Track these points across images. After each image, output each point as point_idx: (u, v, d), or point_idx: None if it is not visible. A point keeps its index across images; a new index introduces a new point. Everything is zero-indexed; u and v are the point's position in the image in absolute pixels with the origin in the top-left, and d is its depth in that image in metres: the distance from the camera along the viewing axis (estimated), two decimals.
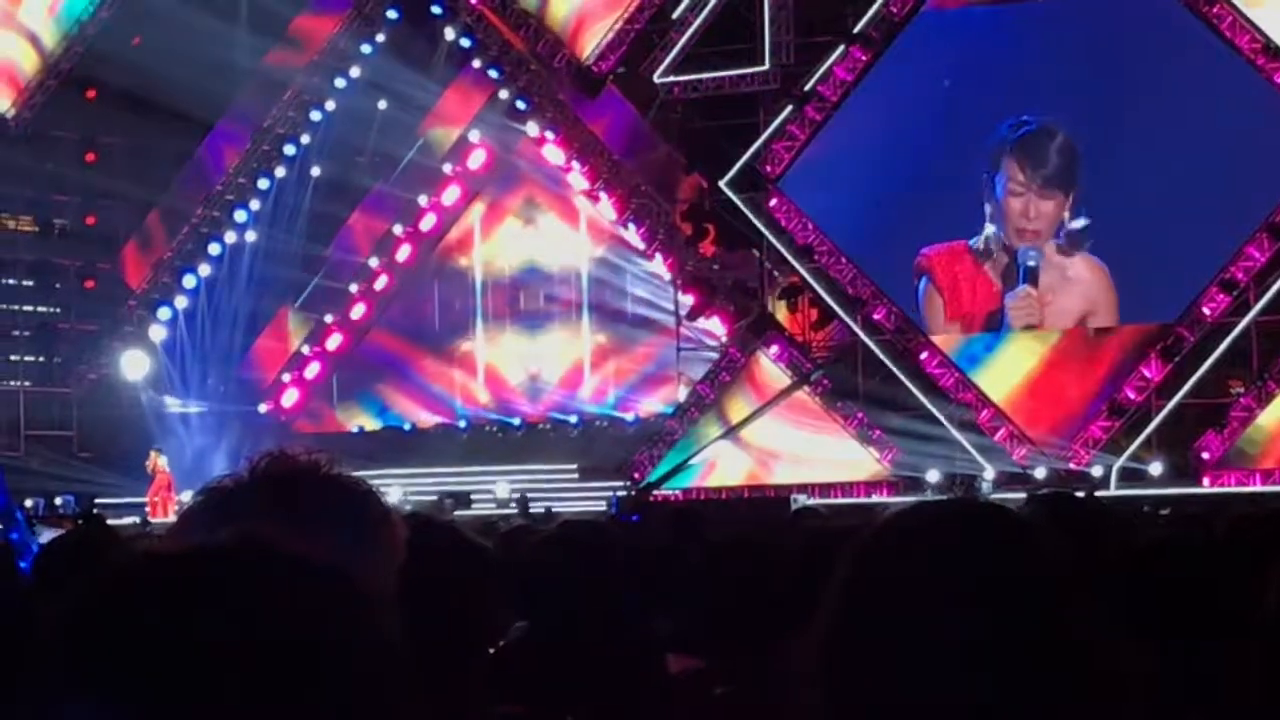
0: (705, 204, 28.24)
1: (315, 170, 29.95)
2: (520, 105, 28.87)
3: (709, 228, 28.01)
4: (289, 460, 2.13)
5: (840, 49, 27.29)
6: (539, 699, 3.86)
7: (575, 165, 28.85)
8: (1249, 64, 25.41)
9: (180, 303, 30.52)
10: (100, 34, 29.24)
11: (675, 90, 28.64)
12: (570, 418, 30.03)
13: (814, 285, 27.61)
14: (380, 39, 29.54)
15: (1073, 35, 25.95)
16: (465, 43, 28.94)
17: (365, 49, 29.57)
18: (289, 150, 30.11)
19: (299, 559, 1.28)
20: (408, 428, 30.86)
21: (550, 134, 28.81)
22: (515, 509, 24.25)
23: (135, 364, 29.95)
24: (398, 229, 30.92)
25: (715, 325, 28.32)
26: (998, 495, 21.85)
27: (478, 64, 29.16)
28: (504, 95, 29.06)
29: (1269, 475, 24.85)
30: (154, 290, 30.63)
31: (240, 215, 30.40)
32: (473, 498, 26.54)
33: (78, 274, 30.55)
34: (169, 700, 1.16)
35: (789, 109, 27.56)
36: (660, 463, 27.95)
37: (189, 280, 30.50)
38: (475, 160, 30.65)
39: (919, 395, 26.73)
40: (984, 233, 26.44)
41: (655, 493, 27.00)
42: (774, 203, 27.76)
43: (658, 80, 28.59)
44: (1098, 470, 25.44)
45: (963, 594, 1.55)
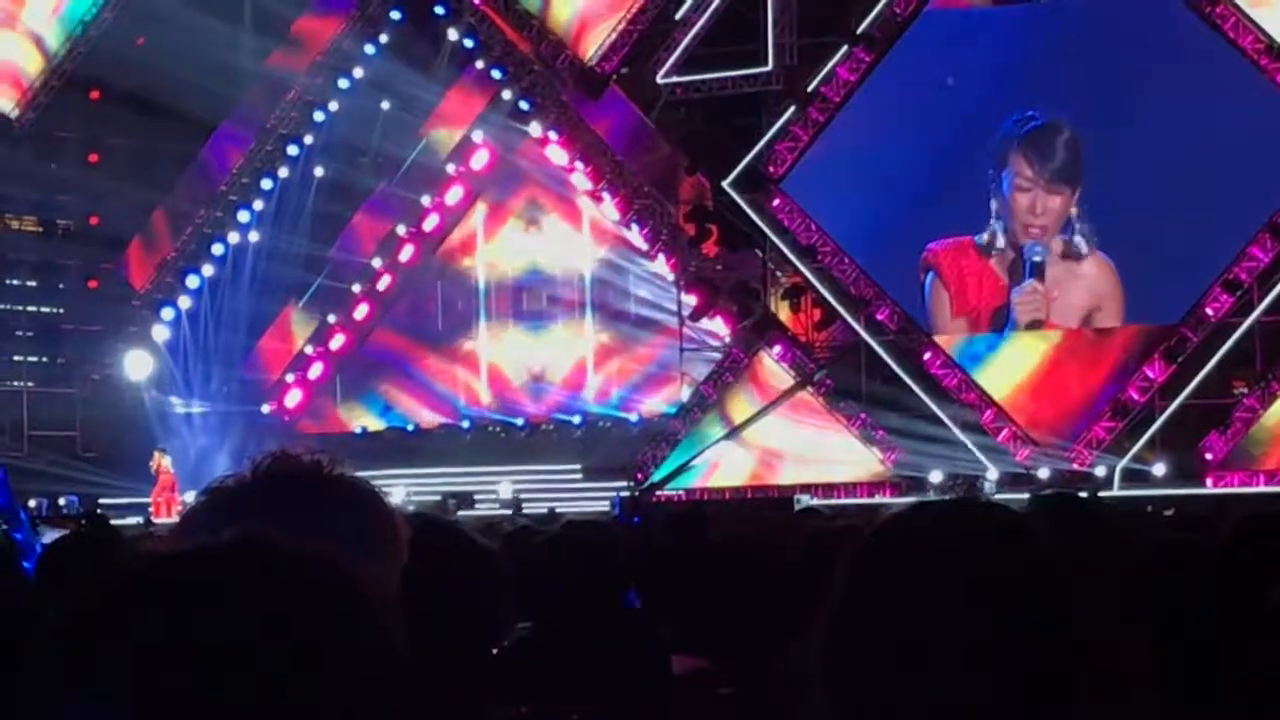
0: (708, 204, 28.24)
1: (318, 170, 29.96)
2: (523, 106, 28.87)
3: (712, 228, 28.01)
4: (292, 460, 2.13)
5: (843, 49, 27.29)
6: (543, 699, 3.86)
7: (578, 166, 28.85)
8: (1252, 64, 25.40)
9: (184, 303, 30.54)
10: (104, 35, 29.25)
11: (678, 91, 28.64)
12: (573, 418, 30.03)
13: (817, 285, 27.61)
14: (383, 39, 29.55)
15: (1075, 36, 25.93)
16: (468, 43, 28.95)
17: (368, 49, 29.59)
18: (292, 150, 30.13)
19: (301, 559, 1.28)
20: (411, 428, 30.87)
21: (553, 134, 28.82)
22: (510, 512, 24.21)
23: (139, 364, 29.97)
24: (401, 229, 30.93)
25: (718, 325, 28.33)
26: (1001, 496, 21.84)
27: (481, 65, 29.17)
28: (507, 96, 29.06)
29: (1273, 476, 24.84)
30: (157, 290, 30.64)
31: (244, 215, 30.42)
32: (476, 498, 26.55)
33: (81, 274, 30.56)
34: (170, 701, 1.16)
35: (792, 109, 27.57)
36: (663, 463, 27.96)
37: (192, 280, 30.52)
38: (478, 161, 30.66)
39: (922, 396, 26.73)
40: (990, 228, 26.45)
41: (658, 493, 27.01)
42: (777, 203, 27.76)
43: (661, 81, 28.60)
44: (1101, 471, 25.43)
45: (963, 594, 1.55)
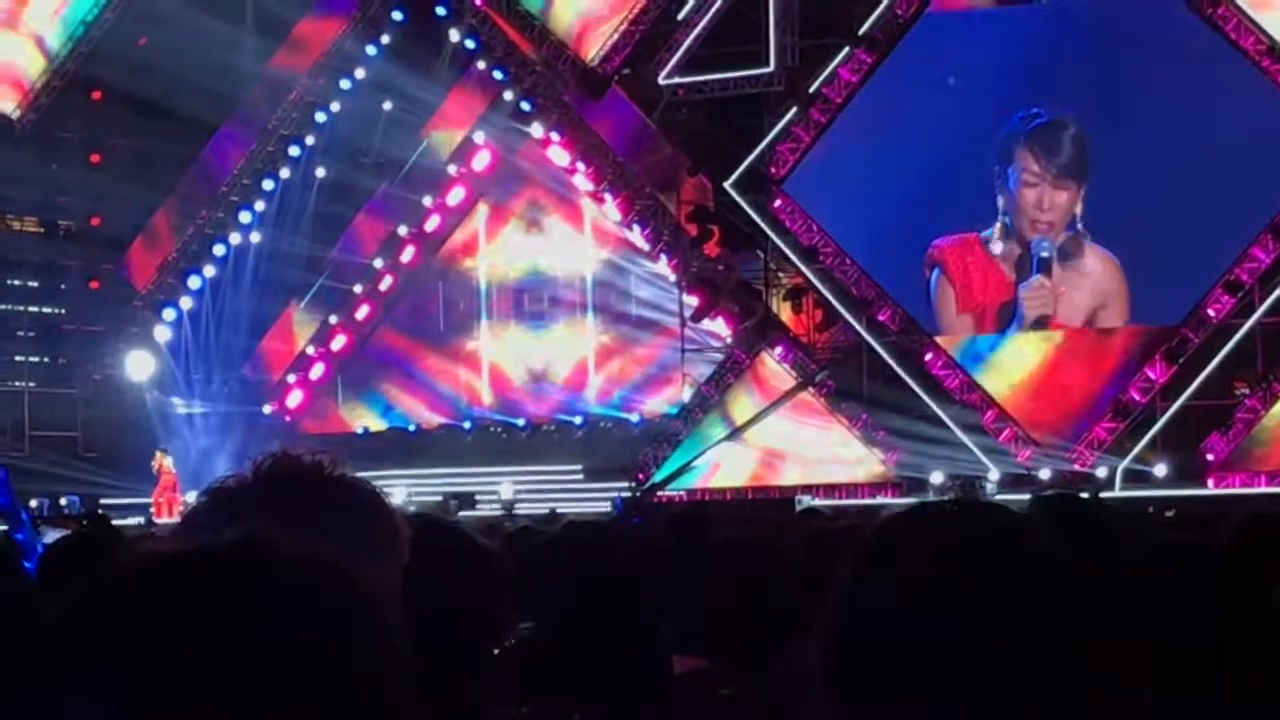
0: (710, 205, 28.25)
1: (320, 171, 29.96)
2: (525, 107, 28.87)
3: (713, 229, 28.02)
4: (293, 461, 2.13)
5: (845, 50, 27.30)
6: (544, 700, 3.86)
7: (580, 167, 28.84)
8: (1254, 65, 25.40)
9: (185, 303, 30.53)
10: (105, 35, 29.25)
11: (680, 92, 28.65)
12: (575, 418, 30.04)
13: (818, 286, 27.61)
14: (385, 40, 29.55)
15: (1077, 37, 25.94)
16: (470, 44, 28.94)
17: (370, 50, 29.58)
18: (294, 151, 30.13)
19: (302, 560, 1.28)
20: (412, 428, 30.88)
21: (555, 136, 28.81)
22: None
23: (140, 365, 29.97)
24: (402, 230, 30.94)
25: (720, 326, 28.32)
26: (1002, 497, 21.85)
27: (482, 66, 29.16)
28: (508, 97, 29.05)
29: (1274, 476, 24.83)
30: (159, 291, 30.64)
31: (245, 216, 30.41)
32: (477, 498, 26.55)
33: (83, 275, 30.56)
34: (170, 701, 1.16)
35: (793, 110, 27.57)
36: (665, 463, 27.96)
37: (194, 281, 30.51)
38: (480, 161, 30.66)
39: (923, 396, 26.73)
40: (996, 224, 26.48)
41: (660, 493, 27.02)
42: (778, 204, 27.76)
43: (662, 82, 28.61)
44: (1102, 472, 25.43)
45: (963, 594, 1.55)
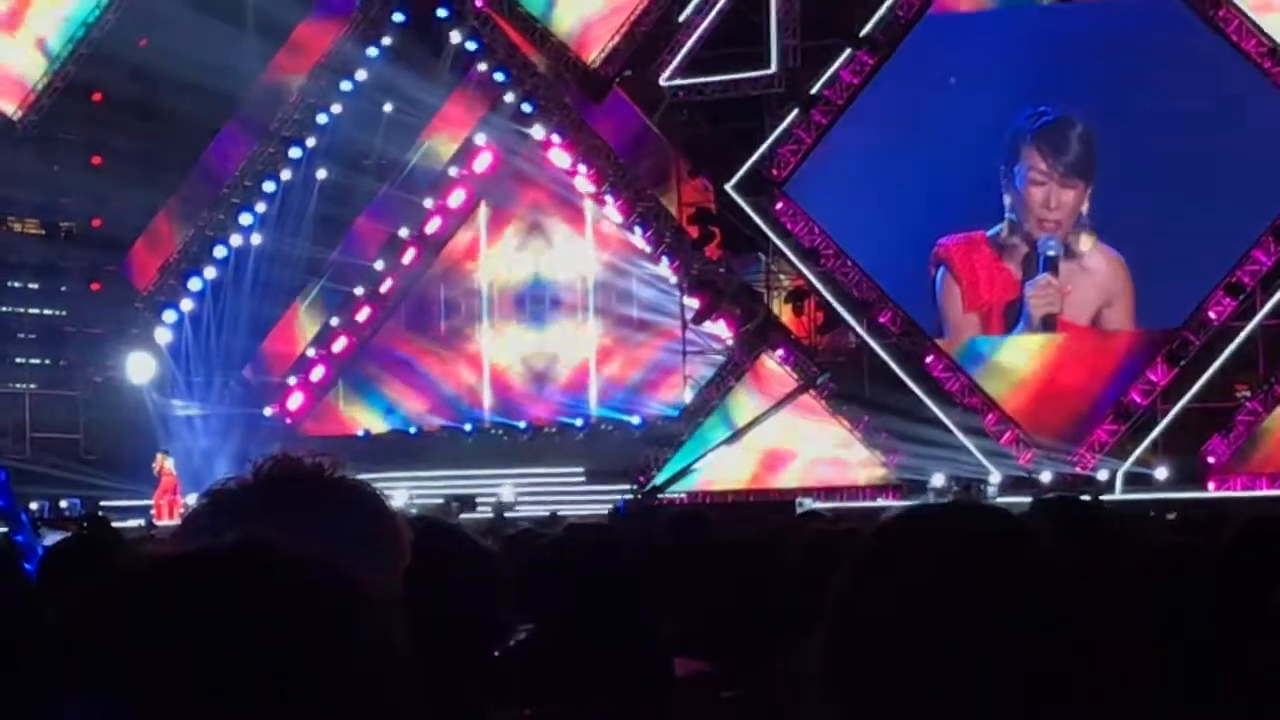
0: (711, 207, 28.25)
1: (321, 173, 29.94)
2: (526, 109, 28.86)
3: (715, 231, 28.02)
4: (294, 463, 2.13)
5: (846, 52, 27.32)
6: (545, 702, 3.86)
7: (581, 169, 28.84)
8: (1256, 67, 25.40)
9: (186, 305, 30.51)
10: (106, 37, 29.25)
11: (681, 94, 28.67)
12: (576, 421, 30.04)
13: (820, 289, 27.61)
14: (386, 42, 29.53)
15: (1078, 39, 25.94)
16: (471, 46, 28.93)
17: (371, 52, 29.57)
18: (294, 153, 30.11)
19: (302, 562, 1.28)
20: (413, 431, 30.88)
21: (556, 138, 28.81)
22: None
23: (141, 367, 29.96)
24: (403, 232, 30.95)
25: (721, 328, 28.32)
26: (1003, 499, 21.85)
27: (483, 68, 29.16)
28: (510, 99, 29.04)
29: (1275, 479, 24.83)
30: (160, 293, 30.63)
31: (246, 218, 30.39)
32: (478, 501, 26.53)
33: (83, 277, 30.56)
34: (170, 702, 1.16)
35: (795, 112, 27.58)
36: (666, 466, 27.96)
37: (194, 283, 30.49)
38: (481, 163, 30.68)
39: (924, 399, 26.74)
40: (1003, 223, 26.50)
41: (661, 495, 27.01)
42: (779, 206, 27.77)
43: (664, 84, 28.62)
44: (1103, 474, 25.43)
45: (963, 594, 1.56)
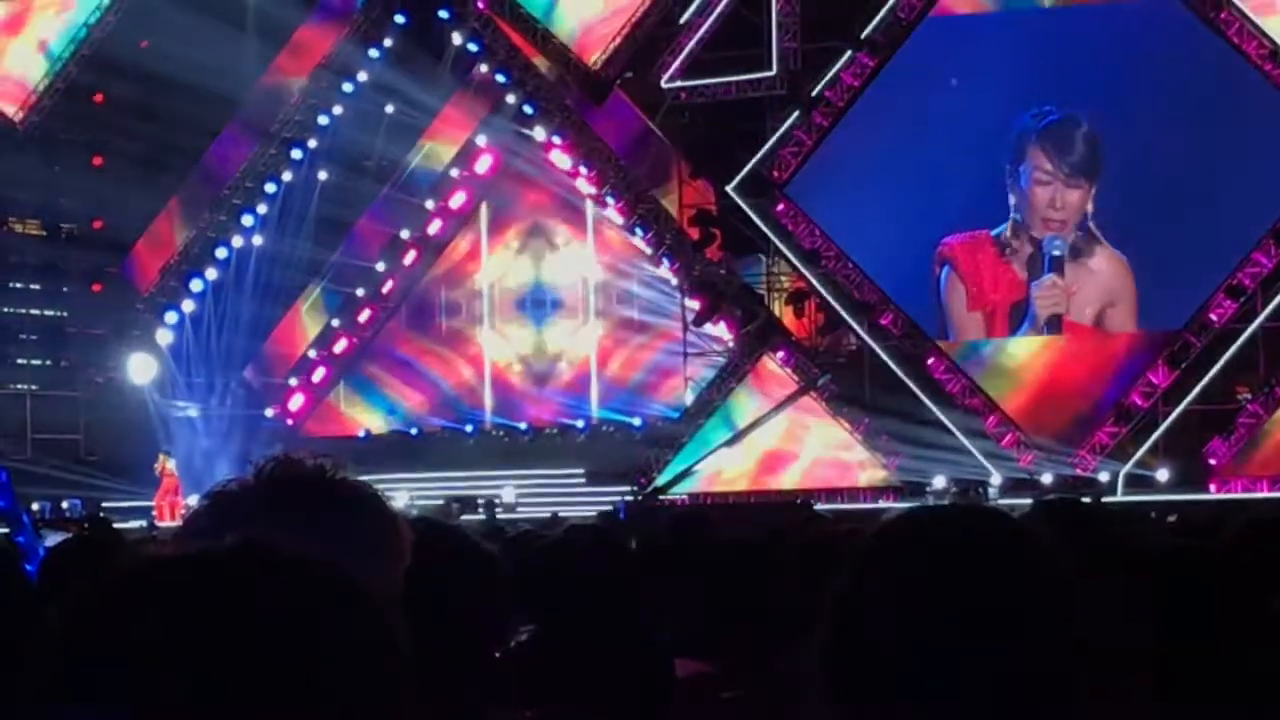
0: (712, 209, 28.25)
1: (322, 174, 29.94)
2: (527, 110, 28.86)
3: (716, 233, 28.02)
4: (295, 464, 2.13)
5: (847, 54, 27.32)
6: (545, 703, 3.86)
7: (582, 170, 28.84)
8: (1257, 69, 25.41)
9: (187, 306, 30.51)
10: (107, 39, 29.28)
11: (682, 95, 28.67)
12: (577, 422, 30.04)
13: (820, 290, 27.62)
14: (387, 43, 29.52)
15: (1079, 42, 25.95)
16: (472, 48, 28.93)
17: (372, 53, 29.57)
18: (296, 154, 30.11)
19: (303, 563, 1.28)
20: (414, 432, 30.89)
21: (557, 139, 28.80)
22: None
23: (142, 368, 29.96)
24: (404, 233, 30.96)
25: (722, 330, 28.33)
26: (1004, 501, 21.85)
27: (485, 69, 29.15)
28: (511, 100, 29.04)
29: (1276, 481, 24.83)
30: (161, 294, 30.63)
31: (247, 219, 30.39)
32: (479, 502, 26.51)
33: (85, 278, 30.57)
34: (170, 703, 1.16)
35: (796, 114, 27.58)
36: (667, 467, 27.96)
37: (196, 284, 30.49)
38: (482, 165, 30.69)
39: (925, 400, 26.74)
40: (1008, 223, 26.51)
41: (661, 496, 27.01)
42: (780, 208, 27.78)
43: (665, 86, 28.63)
44: (1104, 476, 25.44)
45: (963, 596, 1.56)
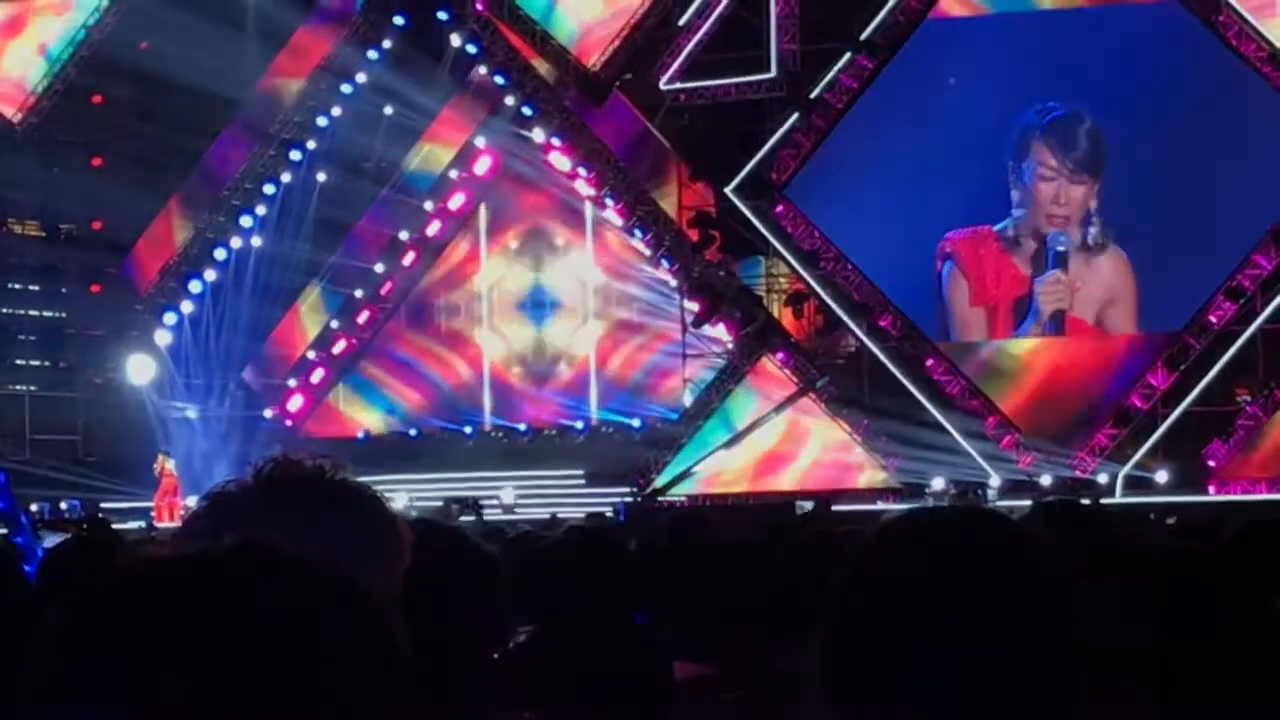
0: (711, 211, 28.26)
1: (321, 176, 29.94)
2: (526, 112, 28.87)
3: (715, 234, 28.03)
4: (294, 465, 2.13)
5: (846, 57, 27.33)
6: (544, 704, 3.86)
7: (581, 172, 28.85)
8: (1255, 72, 25.42)
9: (186, 307, 30.51)
10: (106, 40, 29.29)
11: (681, 97, 28.68)
12: (576, 423, 30.05)
13: (819, 292, 27.62)
14: (386, 45, 29.52)
15: (1077, 44, 25.97)
16: (471, 49, 28.94)
17: (371, 55, 29.57)
18: (295, 156, 30.11)
19: (302, 563, 1.28)
20: (413, 433, 30.89)
21: (556, 141, 28.81)
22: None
23: (141, 369, 29.95)
24: (404, 235, 30.96)
25: (721, 331, 28.34)
26: (1003, 503, 21.85)
27: (484, 71, 29.17)
28: (510, 102, 29.05)
29: (1275, 483, 24.83)
30: (160, 295, 30.63)
31: (246, 220, 30.39)
32: (466, 503, 26.49)
33: (84, 278, 30.56)
34: (171, 705, 1.16)
35: (795, 116, 27.59)
36: (666, 468, 27.96)
37: (195, 285, 30.49)
38: (481, 166, 30.70)
39: (924, 402, 26.74)
40: (1011, 218, 26.54)
41: (661, 498, 27.03)
42: (780, 209, 27.78)
43: (664, 87, 28.63)
44: (1103, 478, 25.44)
45: (962, 597, 1.56)
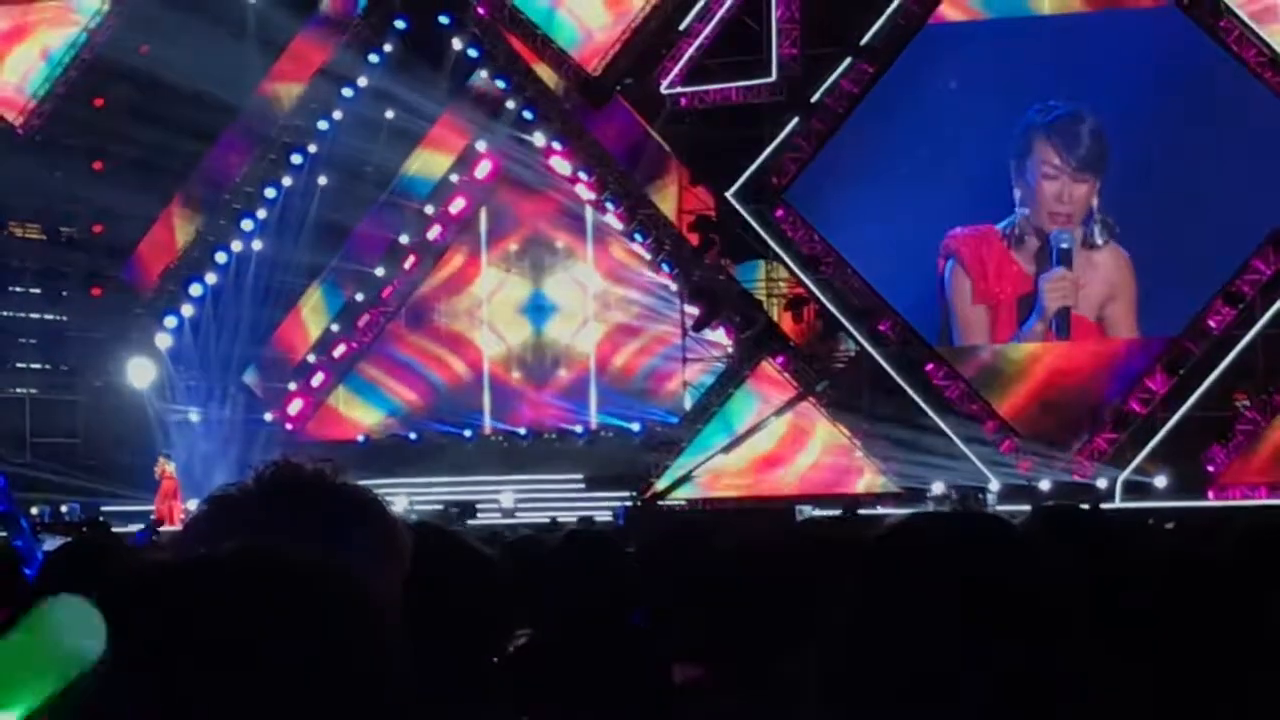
0: (711, 215, 28.25)
1: (322, 179, 29.95)
2: (527, 116, 28.87)
3: (715, 239, 28.03)
4: (294, 469, 2.14)
5: (847, 61, 27.33)
6: (543, 707, 3.87)
7: (582, 176, 28.85)
8: (1256, 77, 25.42)
9: (187, 311, 30.51)
10: (108, 44, 29.30)
11: (682, 101, 28.67)
12: (576, 427, 30.04)
13: (820, 297, 27.62)
14: (387, 49, 29.53)
15: (1077, 48, 25.98)
16: (472, 53, 28.96)
17: (372, 58, 29.58)
18: (296, 159, 30.12)
19: (303, 567, 1.28)
20: (413, 437, 30.88)
21: (557, 144, 28.82)
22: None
23: (141, 372, 29.95)
24: (404, 239, 30.96)
25: (721, 336, 28.34)
26: (1002, 507, 21.83)
27: (485, 74, 29.18)
28: (511, 106, 29.06)
29: (1274, 489, 24.81)
30: (161, 298, 30.63)
31: (247, 224, 30.39)
32: (478, 507, 26.50)
33: (85, 282, 30.54)
34: (171, 707, 1.17)
35: (795, 120, 27.60)
36: (666, 472, 27.95)
37: (195, 288, 30.49)
38: (482, 170, 30.70)
39: (924, 407, 26.73)
40: (1014, 217, 26.55)
41: (660, 502, 27.03)
42: (780, 214, 27.78)
43: (665, 91, 28.62)
44: (1102, 483, 25.42)
45: (962, 602, 1.56)
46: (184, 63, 26.37)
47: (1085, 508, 6.77)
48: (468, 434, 30.57)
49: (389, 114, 29.41)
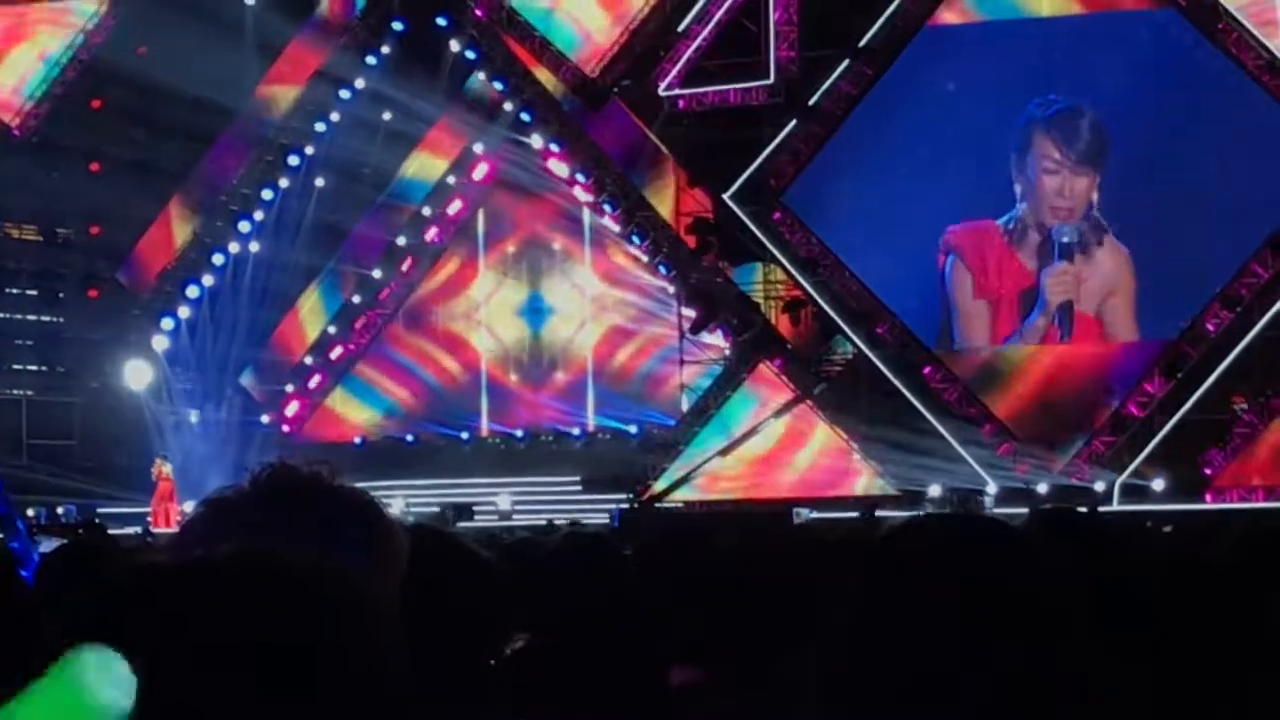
0: (709, 217, 28.26)
1: (319, 181, 29.97)
2: (525, 118, 28.89)
3: (713, 241, 28.04)
4: (290, 471, 2.13)
5: (845, 63, 27.35)
6: (540, 710, 3.86)
7: (579, 178, 28.87)
8: (1253, 80, 25.43)
9: (183, 312, 30.53)
10: (105, 45, 29.31)
11: (680, 103, 28.68)
12: (573, 429, 30.05)
13: (817, 299, 27.62)
14: (385, 51, 29.55)
15: (1076, 51, 26.00)
16: (470, 55, 28.98)
17: (370, 60, 29.60)
18: (293, 161, 30.13)
19: (300, 569, 1.28)
20: (410, 439, 30.88)
21: (554, 147, 28.83)
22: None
23: (138, 374, 29.95)
24: (401, 240, 30.96)
25: (718, 338, 28.35)
26: (1000, 510, 21.83)
27: (482, 76, 29.21)
28: (508, 107, 29.08)
29: (1271, 492, 24.82)
30: (157, 300, 30.65)
31: (244, 225, 30.41)
32: (475, 509, 26.50)
33: (81, 283, 30.56)
34: (168, 709, 1.16)
35: (793, 123, 27.61)
36: (663, 474, 27.96)
37: (192, 290, 30.50)
38: (479, 172, 30.71)
39: (922, 409, 26.74)
40: (1015, 212, 26.57)
41: (657, 504, 27.04)
42: (778, 216, 27.79)
43: (662, 93, 28.64)
44: (1100, 486, 25.42)
45: (961, 605, 1.56)
46: (181, 65, 26.38)
47: (1082, 510, 6.77)
48: (465, 436, 30.57)
49: (386, 116, 29.43)
